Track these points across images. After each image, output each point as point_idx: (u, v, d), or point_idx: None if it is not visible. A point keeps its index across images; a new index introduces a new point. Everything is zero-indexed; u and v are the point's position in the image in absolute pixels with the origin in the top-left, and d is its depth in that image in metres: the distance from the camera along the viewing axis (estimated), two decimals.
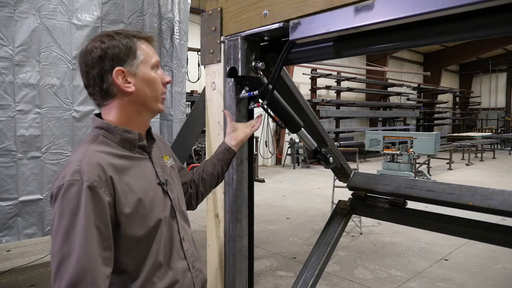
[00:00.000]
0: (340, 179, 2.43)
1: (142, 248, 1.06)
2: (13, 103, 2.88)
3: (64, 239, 0.91)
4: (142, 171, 1.11)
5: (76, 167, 0.97)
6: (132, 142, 1.11)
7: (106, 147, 1.06)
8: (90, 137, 1.09)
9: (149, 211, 1.07)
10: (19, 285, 3.64)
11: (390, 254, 4.64)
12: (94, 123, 1.12)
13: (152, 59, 1.14)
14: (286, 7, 1.43)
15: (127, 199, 1.02)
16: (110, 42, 1.07)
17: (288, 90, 1.90)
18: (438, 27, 1.17)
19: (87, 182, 0.94)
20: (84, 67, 1.09)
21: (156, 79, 1.14)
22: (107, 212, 0.96)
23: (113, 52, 1.07)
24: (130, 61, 1.09)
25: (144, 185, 1.09)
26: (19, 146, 2.91)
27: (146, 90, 1.12)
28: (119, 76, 1.07)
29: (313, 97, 13.76)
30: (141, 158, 1.14)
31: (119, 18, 3.32)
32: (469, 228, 1.86)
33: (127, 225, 1.01)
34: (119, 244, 1.01)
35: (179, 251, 1.17)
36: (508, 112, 21.98)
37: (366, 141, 9.10)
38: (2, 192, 2.86)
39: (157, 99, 1.15)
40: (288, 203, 7.41)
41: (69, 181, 0.94)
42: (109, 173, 0.99)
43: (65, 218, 0.92)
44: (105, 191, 0.97)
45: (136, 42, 1.11)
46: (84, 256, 0.90)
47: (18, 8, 2.84)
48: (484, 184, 6.25)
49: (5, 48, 2.81)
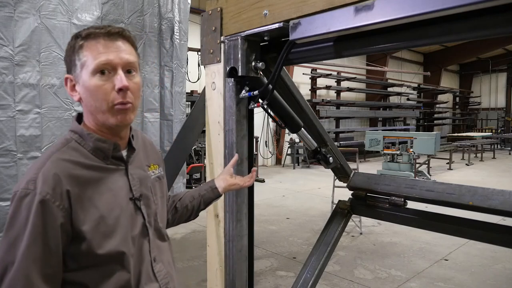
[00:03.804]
0: (340, 179, 2.43)
1: (104, 268, 0.97)
2: (13, 103, 2.88)
3: (9, 248, 0.88)
4: (111, 184, 1.01)
5: (32, 175, 0.91)
6: (105, 152, 1.01)
7: (75, 155, 0.98)
8: (61, 141, 1.01)
9: (112, 229, 0.98)
10: None
11: (390, 254, 4.64)
12: (71, 126, 1.04)
13: (93, 62, 0.95)
14: (286, 7, 1.43)
15: (87, 215, 0.94)
16: (68, 44, 1.00)
17: (288, 90, 1.90)
18: (438, 27, 1.17)
19: (40, 195, 0.88)
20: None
21: (97, 87, 0.96)
22: (57, 228, 0.90)
23: (65, 57, 1.00)
24: (74, 66, 0.98)
25: (110, 201, 0.99)
26: (19, 146, 2.92)
27: (89, 100, 0.98)
28: (68, 83, 1.01)
29: (313, 97, 13.76)
30: (114, 170, 1.03)
31: (119, 18, 3.32)
32: (469, 228, 1.86)
33: (86, 242, 0.93)
34: (82, 260, 0.95)
35: (150, 273, 1.07)
36: (508, 112, 21.98)
37: (366, 141, 9.11)
38: (2, 192, 2.87)
39: (103, 110, 0.98)
40: (288, 203, 7.41)
41: (23, 190, 0.90)
42: (66, 186, 0.92)
43: (14, 228, 0.89)
44: (58, 206, 0.90)
45: (83, 43, 0.96)
46: (21, 271, 0.87)
47: (18, 8, 2.84)
48: (484, 184, 6.25)
49: (5, 48, 2.81)
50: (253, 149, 1.87)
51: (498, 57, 21.08)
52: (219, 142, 1.75)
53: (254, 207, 1.88)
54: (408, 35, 1.25)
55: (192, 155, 8.99)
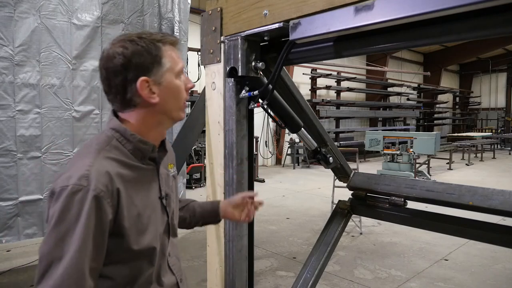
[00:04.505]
0: (340, 179, 2.43)
1: (137, 262, 1.02)
2: (13, 103, 2.88)
3: (57, 243, 0.88)
4: (146, 184, 1.06)
5: (84, 171, 0.91)
6: (144, 153, 1.05)
7: (117, 154, 1.01)
8: (104, 138, 1.03)
9: (146, 226, 1.02)
10: (19, 285, 3.64)
11: (390, 254, 4.64)
12: (111, 123, 1.05)
13: (177, 66, 1.06)
14: (286, 7, 1.43)
15: (128, 213, 0.98)
16: (133, 48, 0.99)
17: (288, 90, 1.90)
18: (438, 27, 1.17)
19: (94, 191, 0.90)
20: (105, 73, 1.01)
21: (181, 88, 1.08)
22: (107, 225, 0.93)
23: (137, 61, 0.99)
24: (155, 70, 1.01)
25: (145, 199, 1.04)
26: (19, 146, 2.92)
27: (171, 100, 1.05)
28: (144, 86, 1.00)
29: (313, 97, 13.76)
30: (148, 170, 1.08)
31: (119, 18, 3.32)
32: (469, 228, 1.86)
33: (125, 238, 0.97)
34: (114, 255, 0.97)
35: (166, 266, 1.13)
36: (508, 112, 21.98)
37: (366, 141, 9.11)
38: (2, 192, 2.87)
39: (180, 108, 1.09)
40: (288, 203, 7.41)
41: (75, 185, 0.89)
42: (117, 185, 0.95)
43: (64, 223, 0.89)
44: (109, 203, 0.93)
45: (162, 47, 1.03)
46: (74, 266, 0.87)
47: (18, 8, 2.84)
48: (484, 184, 6.25)
49: (5, 48, 2.81)
50: (253, 149, 1.87)
51: (498, 57, 21.08)
52: (219, 142, 1.75)
53: None
54: (408, 35, 1.25)
55: (192, 155, 8.99)
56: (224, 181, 1.73)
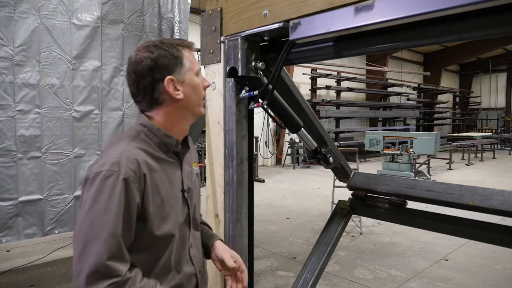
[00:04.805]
0: (340, 179, 2.43)
1: (157, 249, 1.10)
2: (13, 103, 2.87)
3: (92, 223, 0.97)
4: (170, 176, 1.16)
5: (116, 158, 1.03)
6: (168, 146, 1.17)
7: (146, 146, 1.12)
8: (133, 132, 1.15)
9: (168, 214, 1.12)
10: (19, 285, 3.64)
11: (390, 254, 4.64)
12: (140, 120, 1.18)
13: (195, 66, 1.20)
14: (286, 7, 1.43)
15: (153, 199, 1.08)
16: (158, 52, 1.12)
17: (288, 90, 1.90)
18: (438, 27, 1.17)
19: (124, 175, 1.01)
20: (134, 77, 1.13)
21: (200, 85, 1.21)
22: (135, 207, 1.03)
23: (162, 62, 1.12)
24: (178, 69, 1.15)
25: (169, 189, 1.14)
26: (19, 146, 2.91)
27: (192, 96, 1.18)
28: (170, 84, 1.13)
29: (313, 97, 13.76)
30: (172, 163, 1.19)
31: (119, 18, 3.32)
32: (469, 228, 1.86)
33: (148, 222, 1.06)
34: (138, 239, 1.05)
35: (187, 257, 1.22)
36: (508, 112, 21.98)
37: (366, 141, 9.10)
38: (2, 192, 2.86)
39: (200, 103, 1.23)
40: (288, 203, 7.41)
41: (107, 171, 1.01)
42: (143, 170, 1.06)
43: (99, 203, 0.98)
44: (137, 187, 1.03)
45: (181, 50, 1.17)
46: (112, 240, 0.96)
47: (18, 8, 2.84)
48: (484, 184, 6.25)
49: (5, 48, 2.81)
50: (253, 149, 1.87)
51: (498, 57, 21.08)
52: (219, 142, 1.75)
53: (254, 207, 1.88)
54: (408, 35, 1.26)
55: None
56: (224, 181, 1.73)
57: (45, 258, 4.20)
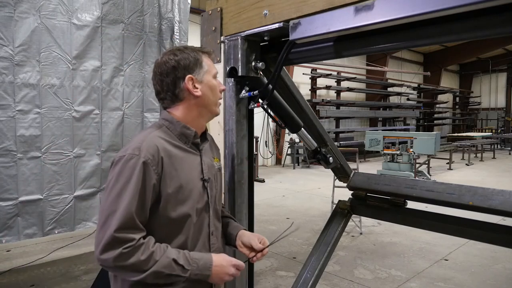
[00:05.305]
0: (340, 179, 2.43)
1: (172, 229, 1.22)
2: (13, 103, 2.88)
3: (114, 199, 1.12)
4: (190, 164, 1.28)
5: (137, 144, 1.18)
6: (188, 137, 1.30)
7: (167, 136, 1.27)
8: (157, 124, 1.31)
9: (186, 198, 1.23)
10: (19, 285, 3.64)
11: (390, 254, 4.64)
12: (162, 115, 1.33)
13: (213, 70, 1.35)
14: (286, 7, 1.43)
15: (171, 181, 1.20)
16: (181, 55, 1.28)
17: (288, 90, 1.90)
18: (438, 27, 1.17)
19: (143, 158, 1.15)
20: (159, 76, 1.29)
21: (217, 86, 1.35)
22: (151, 187, 1.15)
23: (184, 63, 1.27)
24: (198, 70, 1.29)
25: (188, 176, 1.25)
26: (19, 146, 2.91)
27: (209, 95, 1.32)
28: (190, 82, 1.27)
29: (313, 97, 13.75)
30: (192, 153, 1.31)
31: (119, 18, 3.32)
32: (469, 228, 1.85)
33: (165, 203, 1.19)
34: (154, 219, 1.18)
35: (206, 243, 1.31)
36: (508, 112, 21.97)
37: (366, 141, 9.10)
38: (2, 192, 2.86)
39: (216, 103, 1.36)
40: (288, 203, 7.41)
41: (130, 154, 1.16)
42: (161, 155, 1.19)
43: (119, 182, 1.13)
44: (155, 170, 1.16)
45: (201, 55, 1.32)
46: (127, 214, 1.10)
47: (18, 8, 2.84)
48: (484, 184, 6.25)
49: (5, 48, 2.81)
50: (253, 149, 1.87)
51: (498, 57, 21.07)
52: (219, 142, 1.75)
53: (254, 207, 1.88)
54: (408, 35, 1.26)
55: None
56: (224, 181, 1.73)
57: (45, 258, 4.20)
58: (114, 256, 1.08)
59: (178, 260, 1.15)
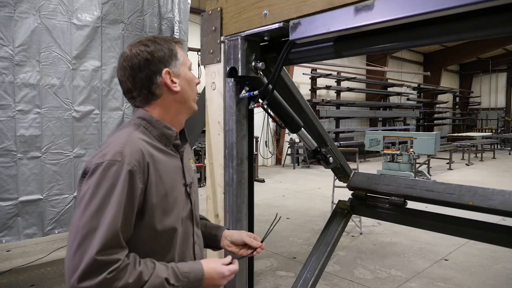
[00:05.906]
0: (340, 179, 2.43)
1: (157, 243, 1.07)
2: (13, 103, 2.87)
3: (93, 215, 0.93)
4: (172, 168, 1.14)
5: (118, 148, 1.00)
6: (169, 138, 1.14)
7: (146, 137, 1.10)
8: (132, 126, 1.12)
9: (172, 208, 1.09)
10: (19, 285, 3.64)
11: (390, 254, 4.64)
12: (137, 113, 1.15)
13: (188, 62, 1.21)
14: (286, 7, 1.43)
15: (157, 190, 1.05)
16: (154, 46, 1.12)
17: (288, 90, 1.90)
18: (438, 27, 1.17)
19: (128, 165, 0.97)
20: (129, 71, 1.11)
21: (194, 79, 1.22)
22: (137, 198, 0.99)
23: (159, 55, 1.12)
24: (174, 62, 1.15)
25: (172, 182, 1.11)
26: (19, 146, 2.91)
27: (188, 89, 1.18)
28: (167, 76, 1.12)
29: (313, 97, 13.75)
30: (173, 156, 1.16)
31: (119, 18, 3.32)
32: (469, 228, 1.86)
33: (150, 215, 1.03)
34: (138, 233, 1.02)
35: (191, 253, 1.19)
36: (508, 112, 21.97)
37: (366, 141, 9.10)
38: (2, 192, 2.86)
39: (194, 98, 1.22)
40: (288, 203, 7.41)
41: (110, 161, 0.97)
42: (147, 160, 1.03)
43: (99, 195, 0.94)
44: (140, 178, 1.00)
45: (175, 45, 1.17)
46: (111, 232, 0.92)
47: (18, 8, 2.84)
48: (484, 184, 6.24)
49: (5, 48, 2.81)
50: (253, 149, 1.87)
51: (498, 57, 21.07)
52: (219, 142, 1.75)
53: (254, 207, 1.88)
54: (408, 35, 1.26)
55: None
56: (224, 181, 1.73)
57: (45, 258, 4.20)
58: (96, 283, 0.89)
59: (169, 279, 1.00)
